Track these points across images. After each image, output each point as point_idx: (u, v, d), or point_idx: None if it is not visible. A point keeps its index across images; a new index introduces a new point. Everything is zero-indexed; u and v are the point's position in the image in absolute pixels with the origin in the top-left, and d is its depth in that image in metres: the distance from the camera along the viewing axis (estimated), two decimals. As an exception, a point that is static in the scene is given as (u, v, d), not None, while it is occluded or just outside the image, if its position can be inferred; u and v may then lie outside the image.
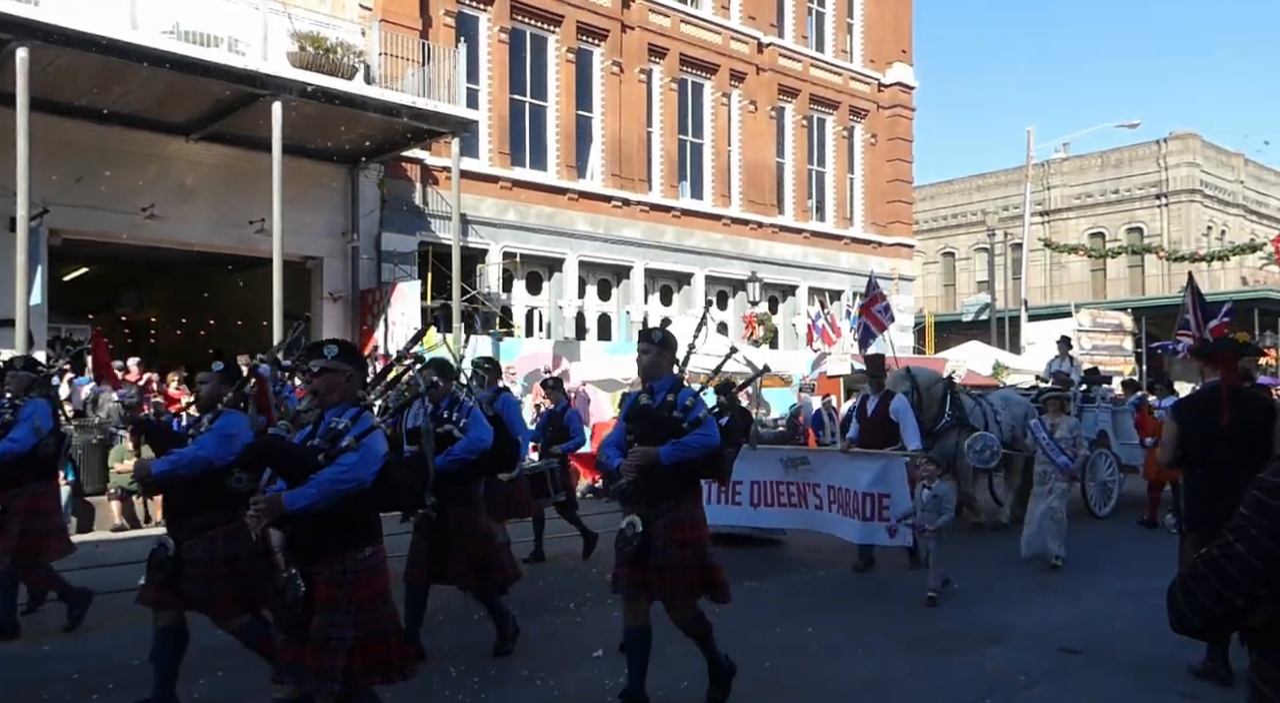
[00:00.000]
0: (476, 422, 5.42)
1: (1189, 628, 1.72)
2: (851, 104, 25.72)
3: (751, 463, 8.40)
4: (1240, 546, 1.59)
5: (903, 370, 10.25)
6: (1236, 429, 4.93)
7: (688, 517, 4.44)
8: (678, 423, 4.37)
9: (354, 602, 3.31)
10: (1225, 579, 1.62)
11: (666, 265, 21.56)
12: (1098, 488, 11.28)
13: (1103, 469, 11.40)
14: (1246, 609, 1.63)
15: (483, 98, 18.39)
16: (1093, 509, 11.07)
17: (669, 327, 17.66)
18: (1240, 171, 40.89)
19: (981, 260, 38.99)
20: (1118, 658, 5.49)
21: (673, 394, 4.44)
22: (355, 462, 3.31)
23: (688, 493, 4.50)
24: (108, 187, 13.91)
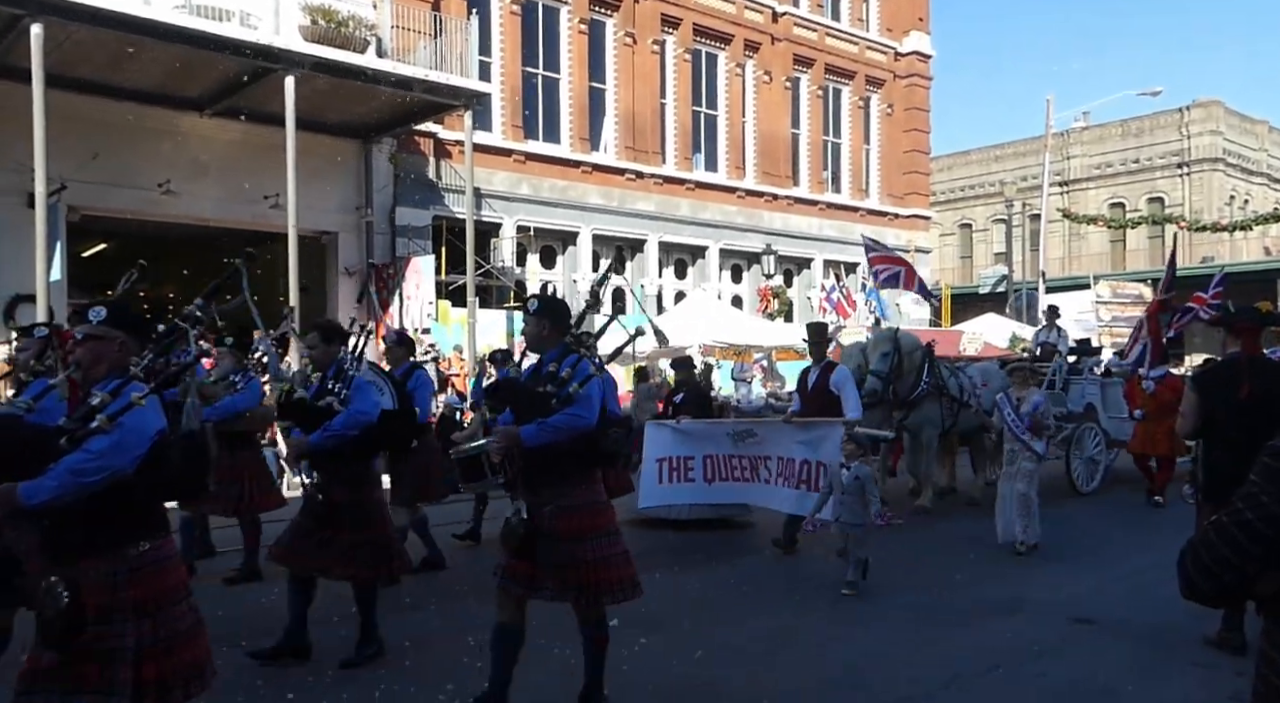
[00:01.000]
0: (360, 393, 4.80)
1: (1199, 595, 1.73)
2: (868, 74, 25.43)
3: (703, 438, 8.20)
4: (1250, 513, 1.60)
5: (889, 331, 10.10)
6: (1257, 400, 4.89)
7: (580, 504, 3.90)
8: (545, 400, 3.83)
9: (131, 607, 2.85)
10: (1235, 547, 1.62)
11: (681, 239, 21.49)
12: (1083, 463, 10.90)
13: (1089, 444, 11.02)
14: (1256, 577, 1.63)
15: (495, 70, 18.30)
16: (1077, 486, 10.70)
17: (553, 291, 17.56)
18: (1264, 140, 40.27)
19: (999, 232, 38.65)
20: (1129, 628, 5.50)
21: (556, 366, 3.91)
22: (106, 446, 2.78)
23: (577, 477, 3.93)
24: (124, 162, 14.00)
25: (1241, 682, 4.28)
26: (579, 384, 3.81)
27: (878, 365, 9.41)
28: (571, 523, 3.84)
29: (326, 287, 17.10)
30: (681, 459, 8.13)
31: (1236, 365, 5.09)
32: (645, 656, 5.01)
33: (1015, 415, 7.66)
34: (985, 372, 10.91)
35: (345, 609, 5.18)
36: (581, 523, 3.86)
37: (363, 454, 4.89)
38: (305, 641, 4.87)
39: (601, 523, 3.94)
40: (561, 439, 3.80)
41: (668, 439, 8.32)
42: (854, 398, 7.74)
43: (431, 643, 5.26)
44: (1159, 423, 9.76)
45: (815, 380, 7.93)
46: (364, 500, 4.84)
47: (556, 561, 3.82)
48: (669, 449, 8.24)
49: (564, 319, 4.09)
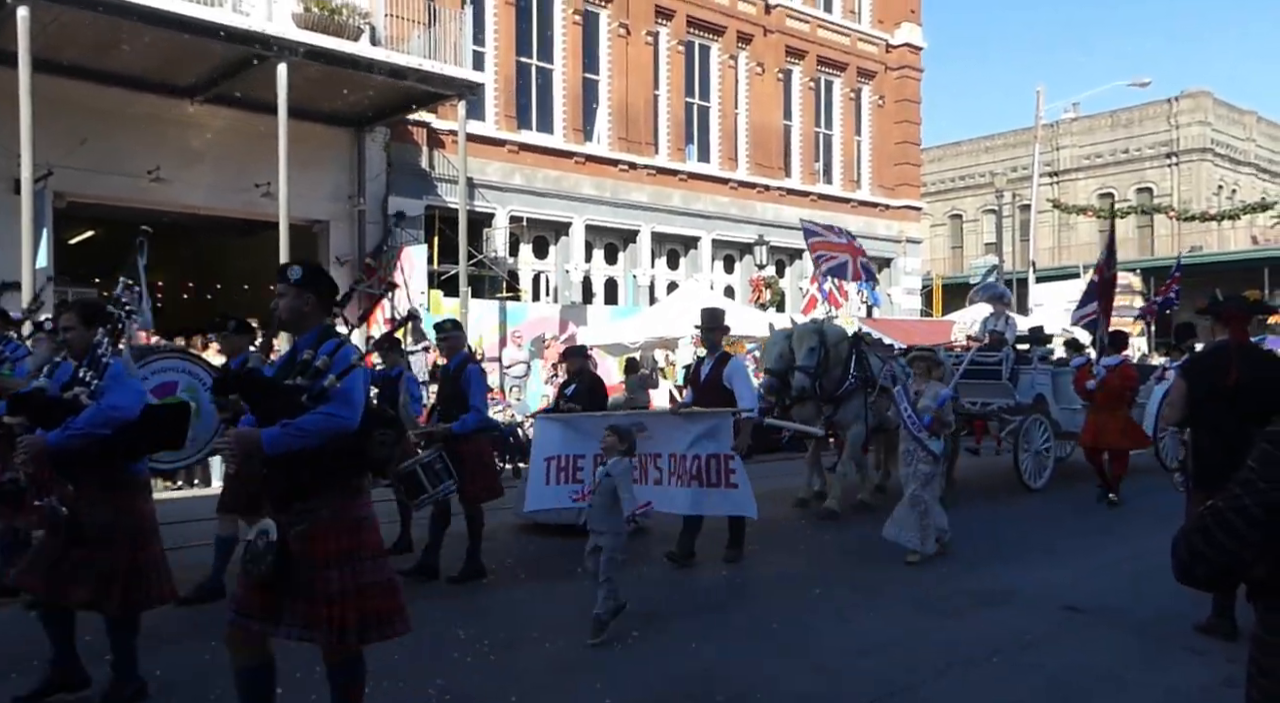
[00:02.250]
0: (116, 385, 4.04)
1: (1194, 579, 1.74)
2: (859, 65, 25.41)
3: (594, 435, 7.17)
4: (1247, 498, 1.61)
5: (814, 324, 9.54)
6: (1245, 387, 4.94)
7: (335, 521, 3.20)
8: (294, 395, 3.14)
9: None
10: (1231, 532, 1.63)
11: (673, 229, 21.46)
12: (1032, 458, 10.42)
13: (1038, 436, 10.55)
14: (1251, 562, 1.65)
15: (489, 60, 18.21)
16: (1026, 481, 10.23)
17: None
18: (1252, 130, 40.43)
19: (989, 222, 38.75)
20: (1122, 616, 5.55)
21: (312, 353, 3.24)
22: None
23: (334, 490, 3.23)
24: (113, 149, 13.88)
25: (1234, 668, 4.33)
26: (337, 376, 3.14)
27: (804, 361, 8.95)
28: (327, 545, 3.16)
29: (318, 276, 17.00)
30: (571, 458, 7.27)
31: (1224, 353, 5.14)
32: (636, 649, 5.04)
33: (911, 411, 6.95)
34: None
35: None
36: (338, 544, 3.18)
37: (116, 457, 4.07)
38: (78, 674, 4.19)
39: (363, 544, 3.26)
40: (312, 444, 3.11)
41: (557, 436, 7.44)
42: (749, 393, 7.19)
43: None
44: (1110, 414, 9.49)
45: (708, 373, 7.29)
46: (116, 515, 4.03)
47: (306, 590, 3.13)
48: (558, 447, 7.36)
49: (331, 294, 3.44)
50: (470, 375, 6.61)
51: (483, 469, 6.70)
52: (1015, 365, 10.84)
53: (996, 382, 10.70)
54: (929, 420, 6.88)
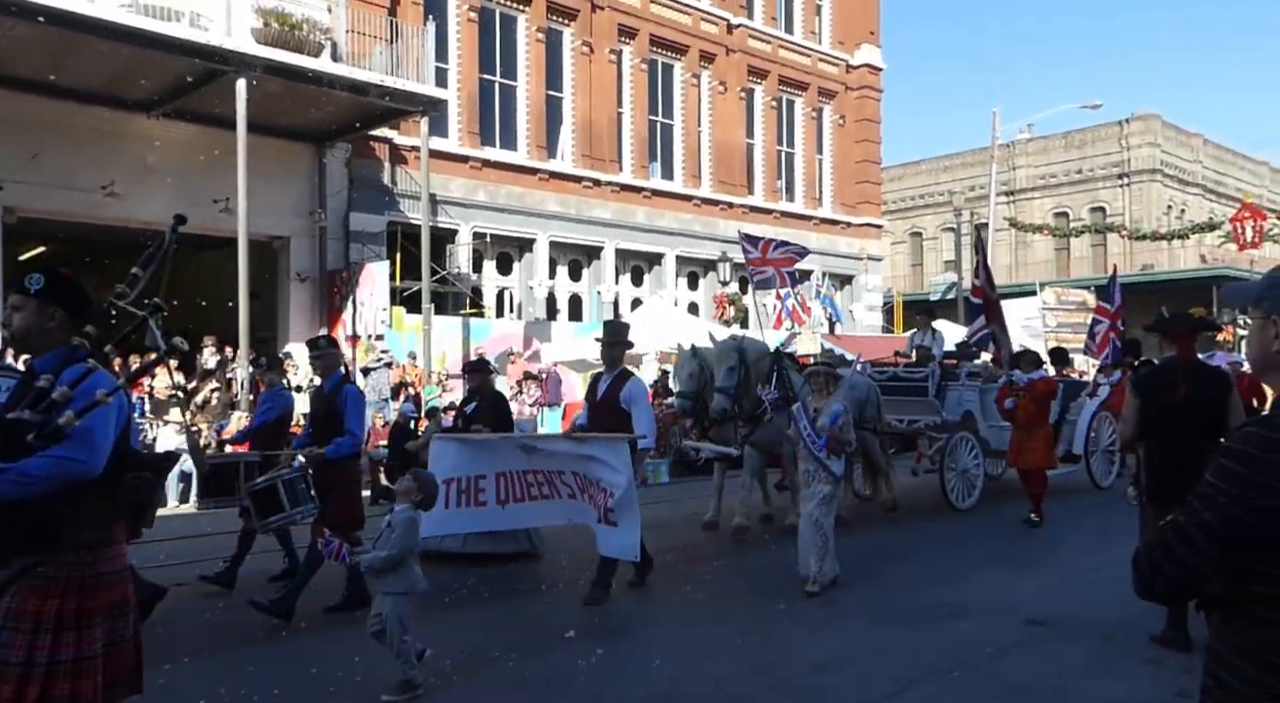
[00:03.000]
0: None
1: (1155, 594, 1.75)
2: (820, 85, 25.75)
3: (495, 453, 6.94)
4: (1208, 514, 1.62)
5: (733, 341, 8.92)
6: (1193, 402, 5.05)
7: (45, 588, 2.61)
8: (19, 432, 2.56)
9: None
10: (1192, 547, 1.64)
11: (637, 246, 21.53)
12: (959, 477, 9.94)
13: (964, 455, 10.06)
14: (1209, 576, 1.66)
15: (452, 77, 18.18)
16: (953, 501, 9.76)
17: None
18: (1199, 152, 41.50)
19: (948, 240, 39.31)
20: (1081, 628, 5.62)
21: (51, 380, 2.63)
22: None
23: (71, 541, 2.65)
24: (66, 164, 13.63)
25: (1188, 678, 4.40)
26: (76, 413, 2.54)
27: (724, 381, 8.45)
28: (50, 605, 2.60)
29: (277, 293, 16.82)
30: (472, 479, 6.84)
31: (1173, 369, 5.25)
32: (600, 667, 5.01)
33: (811, 430, 6.49)
34: (847, 380, 9.51)
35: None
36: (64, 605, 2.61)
37: None
38: None
39: (103, 603, 2.70)
40: (40, 492, 2.54)
41: (455, 456, 6.97)
42: (647, 418, 6.57)
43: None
44: (1030, 433, 9.16)
45: (605, 392, 6.66)
46: None
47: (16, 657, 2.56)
48: (458, 468, 6.88)
49: (82, 309, 2.91)
50: (347, 397, 6.09)
51: (350, 499, 6.19)
52: (942, 382, 10.54)
53: (922, 399, 10.43)
54: (824, 441, 6.41)
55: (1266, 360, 1.76)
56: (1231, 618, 1.70)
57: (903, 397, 10.50)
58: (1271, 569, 1.61)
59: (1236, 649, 1.68)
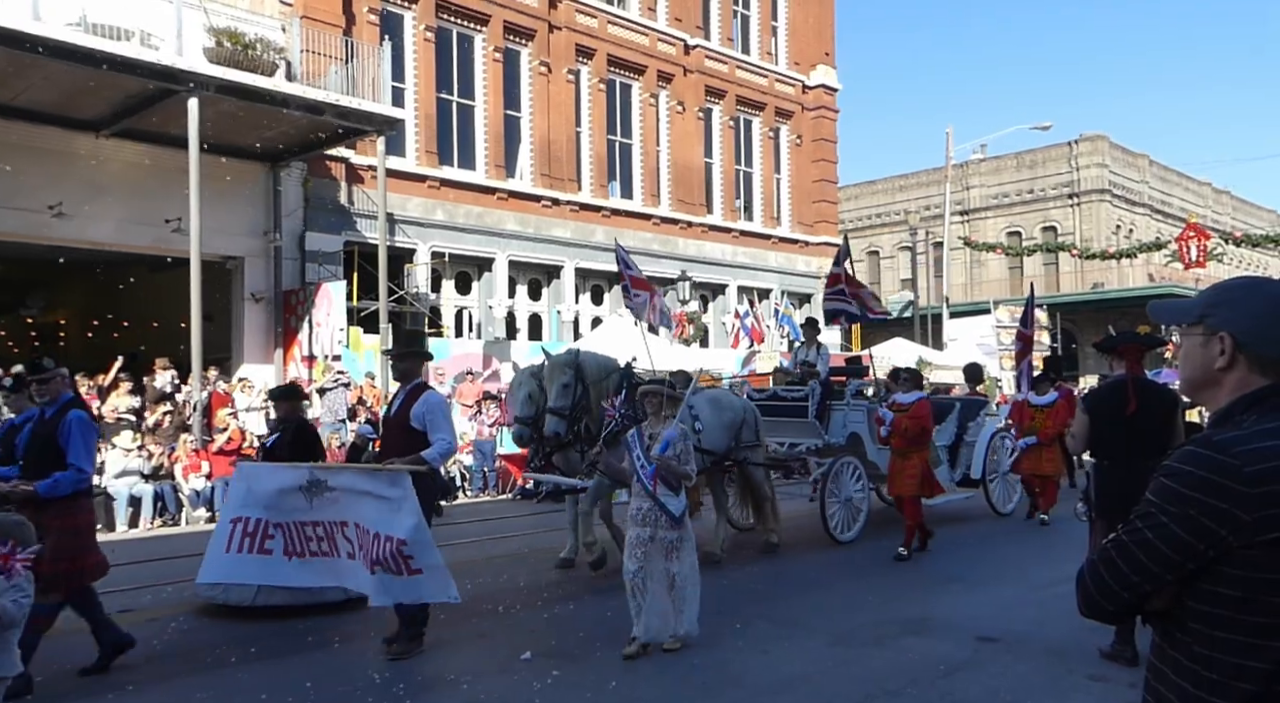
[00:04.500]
0: None
1: (1099, 612, 1.75)
2: (777, 106, 26.07)
3: (279, 494, 5.95)
4: (1150, 532, 1.63)
5: (568, 353, 7.95)
6: (1141, 419, 5.16)
7: None
8: None
9: None
10: (1135, 565, 1.65)
11: (597, 265, 21.54)
12: (841, 505, 9.08)
13: (848, 482, 9.17)
14: (1150, 593, 1.67)
15: (409, 97, 18.13)
16: (833, 532, 8.91)
17: None
18: (1146, 172, 42.56)
19: (905, 259, 39.85)
20: (1030, 645, 5.69)
21: None
22: None
23: None
24: (12, 184, 13.34)
25: (1134, 693, 4.44)
26: None
27: (557, 401, 7.56)
28: None
29: (231, 314, 16.56)
30: (260, 523, 5.95)
31: (1122, 386, 5.36)
32: (556, 688, 4.96)
33: (644, 460, 5.52)
34: (715, 400, 8.70)
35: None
36: None
37: None
38: None
39: None
40: None
41: (245, 492, 6.13)
42: (446, 437, 5.65)
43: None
44: (904, 459, 8.56)
45: (396, 409, 5.78)
46: None
47: None
48: (248, 506, 6.03)
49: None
50: (71, 425, 5.18)
51: (77, 546, 5.16)
52: (826, 402, 9.66)
53: (803, 420, 9.57)
54: (652, 470, 5.45)
55: (1207, 379, 1.75)
56: (1172, 635, 1.72)
57: (782, 418, 9.70)
58: (1211, 587, 1.62)
59: (1176, 667, 1.69)
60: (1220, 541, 1.58)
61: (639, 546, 5.51)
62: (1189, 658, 1.65)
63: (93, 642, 5.31)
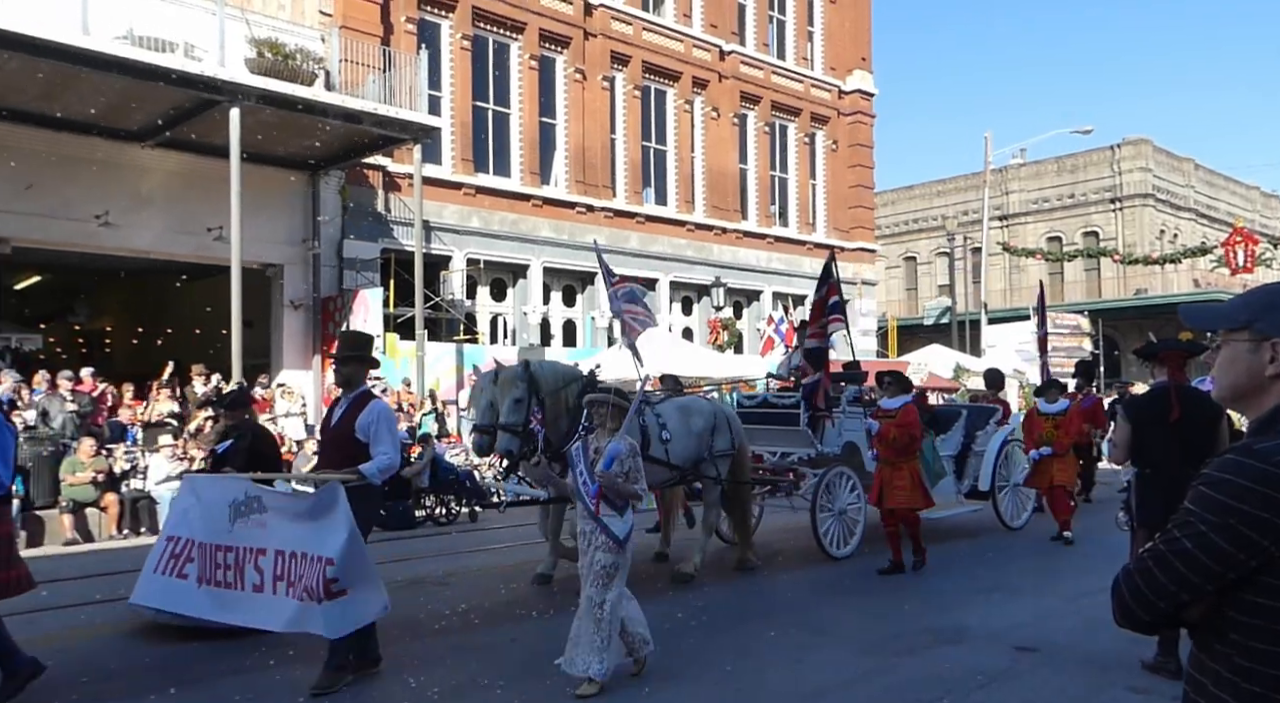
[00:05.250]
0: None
1: (1135, 623, 1.72)
2: (813, 111, 25.95)
3: (208, 508, 5.35)
4: (1189, 541, 1.60)
5: (518, 366, 7.46)
6: (1184, 427, 5.05)
7: None
8: None
9: None
10: (1173, 575, 1.62)
11: (631, 271, 21.48)
12: (836, 518, 8.62)
13: (843, 493, 8.72)
14: (1188, 603, 1.64)
15: (445, 104, 18.31)
16: (826, 547, 8.46)
17: None
18: (1191, 176, 41.78)
19: (942, 264, 39.48)
20: (1070, 655, 5.58)
21: None
22: None
23: None
24: (60, 194, 13.69)
25: (1177, 706, 4.36)
26: None
27: (508, 417, 7.13)
28: None
29: (271, 320, 16.83)
30: (188, 543, 5.38)
31: (1164, 393, 5.26)
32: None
33: (587, 475, 5.03)
34: (684, 408, 8.17)
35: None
36: None
37: None
38: None
39: None
40: None
41: (187, 507, 5.58)
42: (388, 448, 5.09)
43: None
44: (894, 468, 8.02)
45: (339, 418, 5.24)
46: None
47: None
48: (181, 524, 5.51)
49: None
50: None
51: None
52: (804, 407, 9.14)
53: (794, 428, 9.07)
54: (595, 489, 4.92)
55: (1254, 386, 1.70)
56: (1211, 647, 1.69)
57: (772, 426, 9.24)
58: (1252, 597, 1.59)
59: (1216, 679, 1.66)
60: (1262, 551, 1.55)
61: (583, 575, 5.05)
62: (1229, 670, 1.62)
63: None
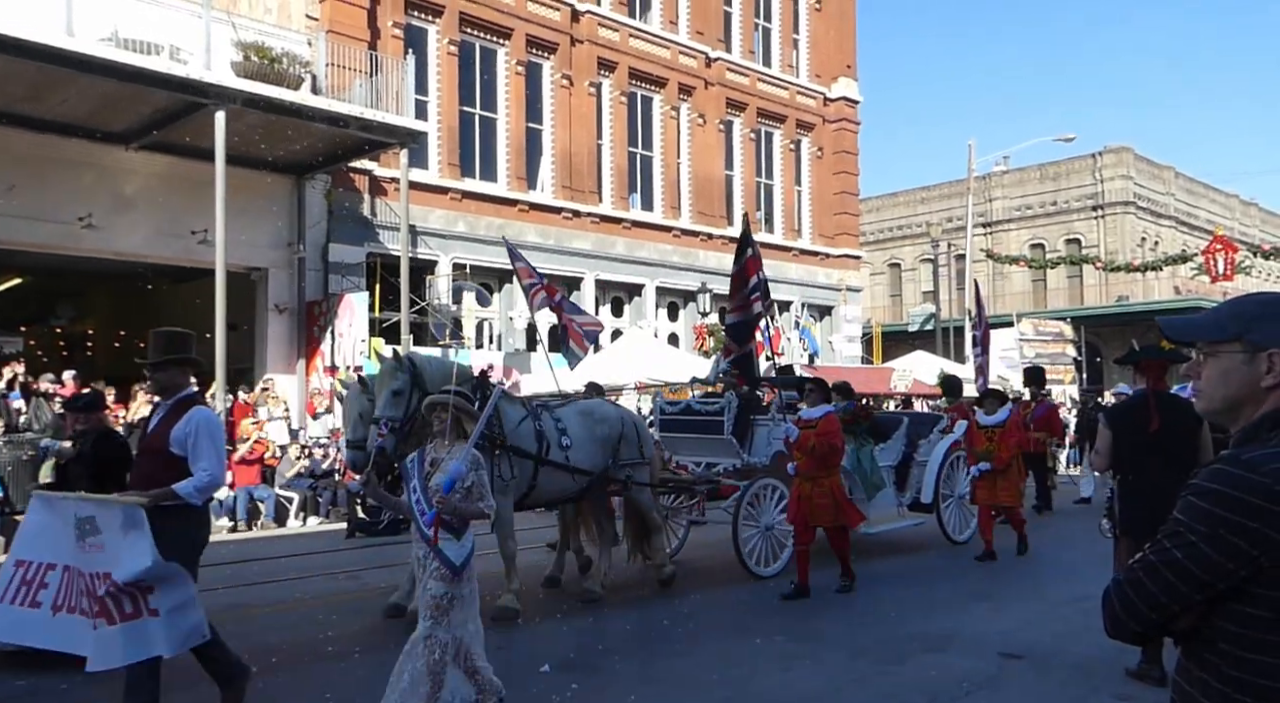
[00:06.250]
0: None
1: (1125, 633, 1.72)
2: (798, 118, 26.06)
3: (55, 525, 4.50)
4: (1178, 552, 1.60)
5: (397, 359, 6.53)
6: (1166, 435, 5.09)
7: None
8: None
9: None
10: (1163, 585, 1.62)
11: (617, 277, 21.58)
12: (760, 535, 8.06)
13: (771, 507, 8.13)
14: (1178, 613, 1.65)
15: (432, 109, 18.28)
16: (749, 565, 7.91)
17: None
18: (1171, 185, 42.16)
19: (926, 271, 39.65)
20: (1056, 662, 5.62)
21: None
22: None
23: None
24: (43, 196, 13.57)
25: (1161, 713, 4.39)
26: None
27: (386, 409, 6.32)
28: None
29: (256, 324, 16.73)
30: (41, 568, 4.53)
31: (1145, 401, 5.30)
32: (577, 699, 4.95)
33: (421, 494, 4.30)
34: (587, 412, 7.57)
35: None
36: None
37: None
38: None
39: None
40: None
41: (38, 527, 4.72)
42: (212, 466, 4.35)
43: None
44: (814, 483, 7.40)
45: (153, 429, 4.54)
46: None
47: None
48: (31, 547, 4.66)
49: None
50: None
51: None
52: (751, 416, 8.70)
53: (719, 437, 8.56)
54: (431, 516, 4.18)
55: (1248, 397, 1.69)
56: (1200, 656, 1.69)
57: (697, 434, 8.77)
58: (1242, 607, 1.60)
59: (1205, 689, 1.67)
60: (1251, 560, 1.55)
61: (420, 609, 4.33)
62: (1218, 680, 1.62)
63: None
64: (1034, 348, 26.25)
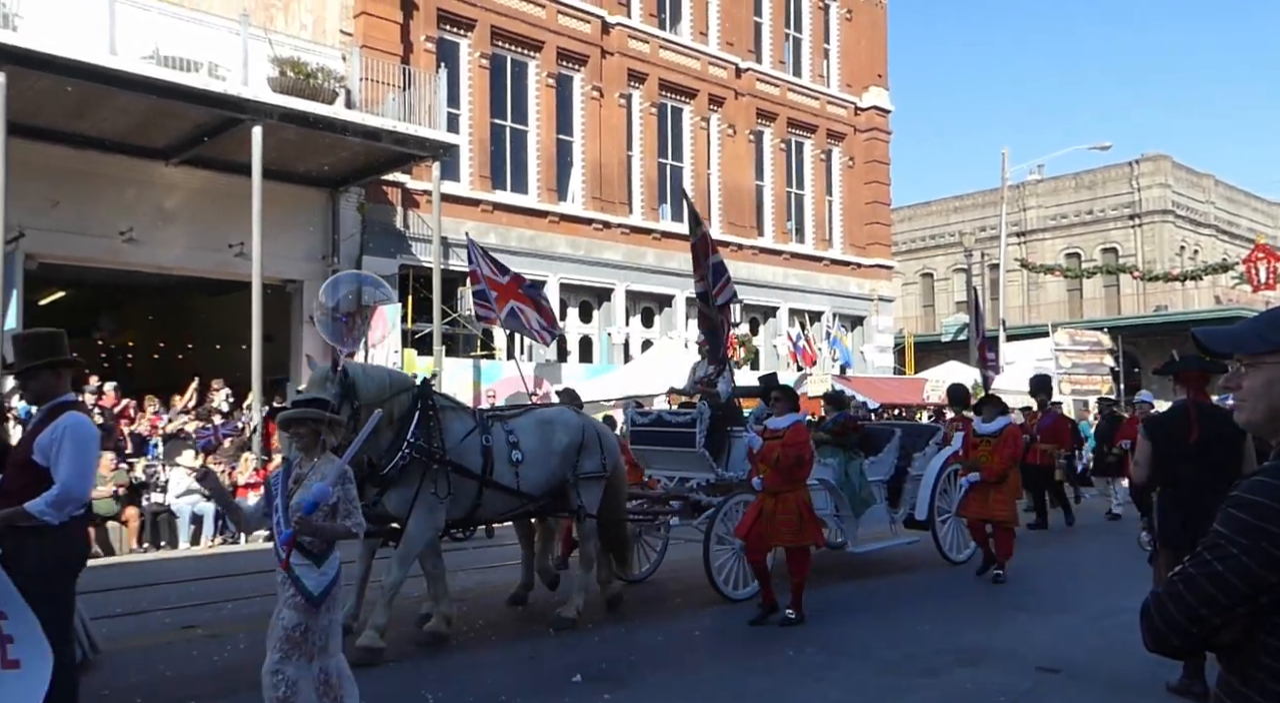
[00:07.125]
0: None
1: (1165, 648, 1.70)
2: (829, 127, 25.99)
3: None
4: (1219, 564, 1.58)
5: (325, 367, 6.11)
6: (1206, 446, 4.99)
7: None
8: None
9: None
10: (1203, 598, 1.60)
11: (647, 287, 21.62)
12: (736, 556, 7.46)
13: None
14: (1220, 627, 1.62)
15: (464, 122, 18.47)
16: (719, 586, 7.38)
17: None
18: (1211, 193, 41.50)
19: (960, 281, 39.32)
20: (1094, 676, 5.52)
21: None
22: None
23: None
24: (85, 210, 13.88)
25: (1203, 730, 4.30)
26: None
27: None
28: None
29: (291, 336, 16.95)
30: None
31: (1185, 412, 5.21)
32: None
33: (281, 513, 3.90)
34: (546, 422, 7.06)
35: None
36: None
37: None
38: None
39: None
40: None
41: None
42: (68, 475, 3.75)
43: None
44: (778, 499, 6.83)
45: (22, 438, 4.23)
46: None
47: None
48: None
49: None
50: None
51: None
52: (727, 428, 8.18)
53: (690, 450, 8.06)
54: (288, 536, 3.81)
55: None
56: (1242, 672, 1.66)
57: (669, 447, 8.29)
58: (1285, 621, 1.57)
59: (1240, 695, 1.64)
60: None
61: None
62: (1260, 694, 1.60)
63: None
64: (1070, 358, 25.87)
